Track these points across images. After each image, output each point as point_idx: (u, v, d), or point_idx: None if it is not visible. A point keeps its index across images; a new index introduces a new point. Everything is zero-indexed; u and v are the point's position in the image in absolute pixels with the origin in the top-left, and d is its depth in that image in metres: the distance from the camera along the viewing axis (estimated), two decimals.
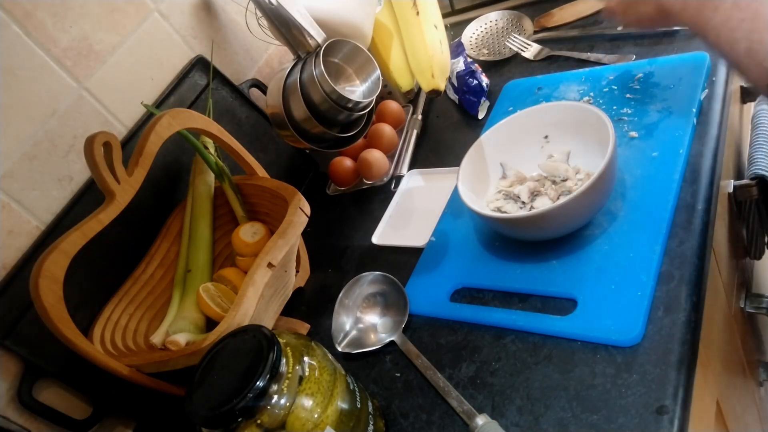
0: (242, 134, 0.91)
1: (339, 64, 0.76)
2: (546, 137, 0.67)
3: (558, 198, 0.61)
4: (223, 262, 0.81)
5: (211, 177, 0.81)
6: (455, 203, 0.75)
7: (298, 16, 0.69)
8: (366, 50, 0.75)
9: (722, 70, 0.69)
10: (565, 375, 0.50)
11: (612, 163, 0.54)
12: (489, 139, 0.68)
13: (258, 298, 0.61)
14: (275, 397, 0.45)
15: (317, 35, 0.71)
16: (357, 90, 0.76)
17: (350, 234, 0.83)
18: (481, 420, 0.50)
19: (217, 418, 0.44)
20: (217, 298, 0.70)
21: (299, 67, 0.71)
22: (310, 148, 0.75)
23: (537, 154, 0.68)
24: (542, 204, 0.62)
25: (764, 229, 0.83)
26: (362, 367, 0.63)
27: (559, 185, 0.63)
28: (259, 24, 0.80)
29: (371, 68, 0.75)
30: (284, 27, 0.71)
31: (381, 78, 0.75)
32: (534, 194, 0.64)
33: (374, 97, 0.75)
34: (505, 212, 0.64)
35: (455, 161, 0.83)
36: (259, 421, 0.44)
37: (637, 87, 0.72)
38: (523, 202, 0.64)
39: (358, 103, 0.72)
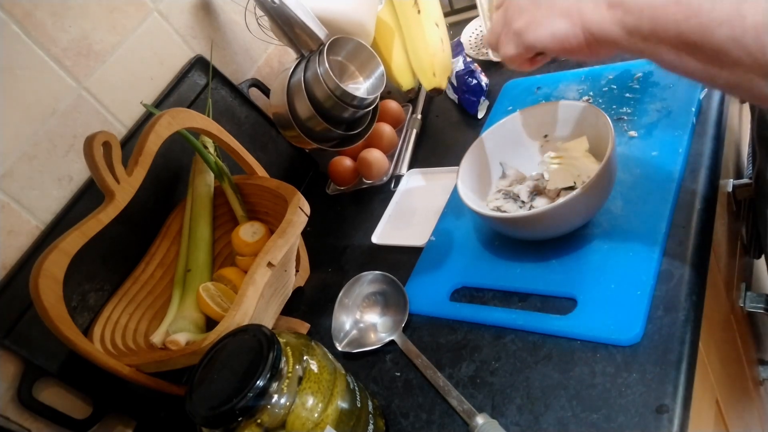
0: (242, 134, 0.91)
1: (342, 61, 0.76)
2: (545, 137, 0.68)
3: (558, 196, 0.62)
4: (223, 262, 0.81)
5: (210, 177, 0.81)
6: (455, 203, 0.75)
7: (300, 14, 0.69)
8: (369, 47, 0.75)
9: None
10: (565, 374, 0.51)
11: (611, 163, 0.54)
12: (489, 139, 0.68)
13: (258, 298, 0.61)
14: (275, 396, 0.45)
15: (320, 33, 0.70)
16: (361, 87, 0.76)
17: (350, 233, 0.83)
18: (481, 419, 0.50)
19: (217, 418, 0.44)
20: (217, 298, 0.70)
21: (303, 65, 0.71)
22: (316, 147, 0.75)
23: (536, 154, 0.68)
24: (542, 203, 0.62)
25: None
26: (362, 366, 0.63)
27: None
28: (259, 24, 0.80)
29: (375, 64, 0.75)
30: (287, 26, 0.70)
31: (384, 74, 0.75)
32: (533, 193, 0.64)
33: (379, 93, 0.74)
34: (504, 212, 0.64)
35: (455, 161, 0.83)
36: (259, 421, 0.44)
37: (637, 86, 0.72)
38: (523, 202, 0.64)
39: (363, 99, 0.72)
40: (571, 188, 0.60)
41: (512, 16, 0.47)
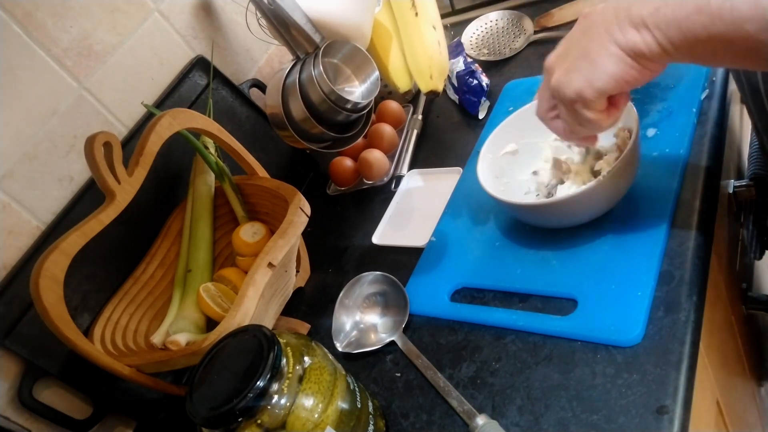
0: (242, 134, 0.91)
1: (338, 64, 0.76)
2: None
3: (591, 177, 0.61)
4: (223, 262, 0.81)
5: (211, 177, 0.81)
6: (456, 203, 0.75)
7: (296, 16, 0.69)
8: (365, 51, 0.75)
9: (722, 70, 0.69)
10: (566, 375, 0.50)
11: (636, 147, 0.55)
12: (505, 129, 0.67)
13: (258, 298, 0.61)
14: (275, 396, 0.45)
15: (315, 36, 0.71)
16: (356, 90, 0.76)
17: (350, 234, 0.83)
18: (481, 420, 0.50)
19: (217, 418, 0.44)
20: (217, 298, 0.70)
21: (298, 67, 0.71)
22: (309, 148, 0.75)
23: (547, 147, 0.67)
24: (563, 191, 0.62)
25: (764, 229, 0.83)
26: (362, 367, 0.63)
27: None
28: (260, 24, 0.80)
29: (370, 69, 0.75)
30: (283, 27, 0.71)
31: (380, 79, 0.75)
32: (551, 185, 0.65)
33: (373, 98, 0.75)
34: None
35: (456, 161, 0.83)
36: (259, 421, 0.44)
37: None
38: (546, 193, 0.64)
39: (356, 103, 0.72)
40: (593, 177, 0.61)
41: (561, 86, 0.45)
